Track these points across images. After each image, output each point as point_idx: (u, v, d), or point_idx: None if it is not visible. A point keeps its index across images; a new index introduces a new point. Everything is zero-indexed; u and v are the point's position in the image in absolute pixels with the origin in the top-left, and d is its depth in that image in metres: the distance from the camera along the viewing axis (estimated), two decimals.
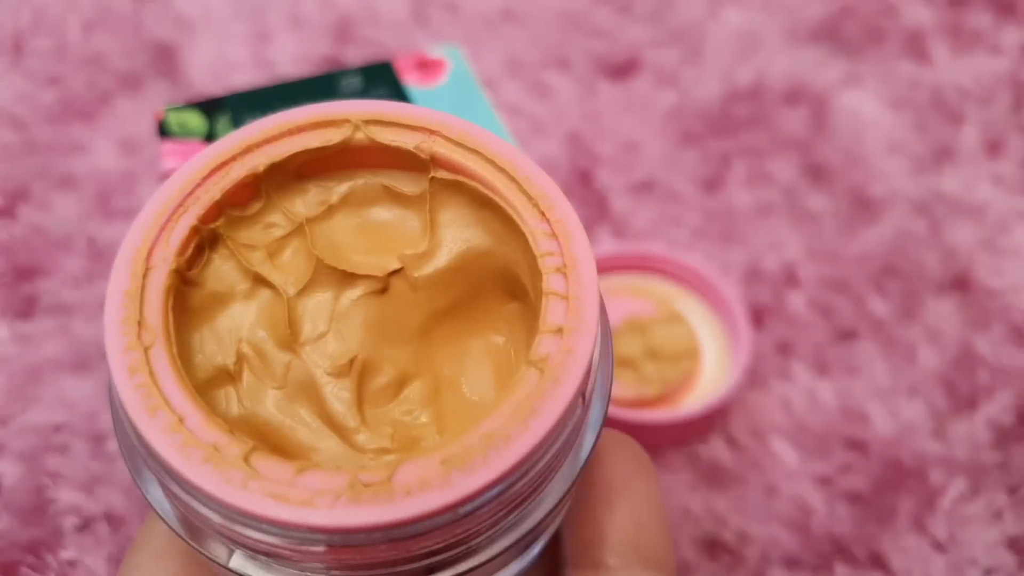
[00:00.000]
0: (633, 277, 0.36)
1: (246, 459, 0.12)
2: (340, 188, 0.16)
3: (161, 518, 0.14)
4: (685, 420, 0.31)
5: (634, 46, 0.45)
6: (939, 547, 0.30)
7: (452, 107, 0.32)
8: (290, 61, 0.43)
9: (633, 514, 0.16)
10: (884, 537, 0.30)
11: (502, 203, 0.15)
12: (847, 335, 0.35)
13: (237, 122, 0.30)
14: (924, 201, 0.40)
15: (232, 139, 0.16)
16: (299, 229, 0.16)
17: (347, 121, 0.16)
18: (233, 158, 0.15)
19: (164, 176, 0.29)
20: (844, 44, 0.46)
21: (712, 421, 0.32)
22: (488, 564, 0.14)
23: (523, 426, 0.12)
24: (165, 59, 0.43)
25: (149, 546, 0.17)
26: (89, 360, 0.32)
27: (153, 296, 0.14)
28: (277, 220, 0.16)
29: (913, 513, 0.31)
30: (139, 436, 0.13)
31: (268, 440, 0.15)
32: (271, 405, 0.15)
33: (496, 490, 0.12)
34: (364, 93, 0.32)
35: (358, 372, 0.15)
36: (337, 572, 0.14)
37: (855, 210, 0.39)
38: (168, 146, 0.30)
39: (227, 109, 0.31)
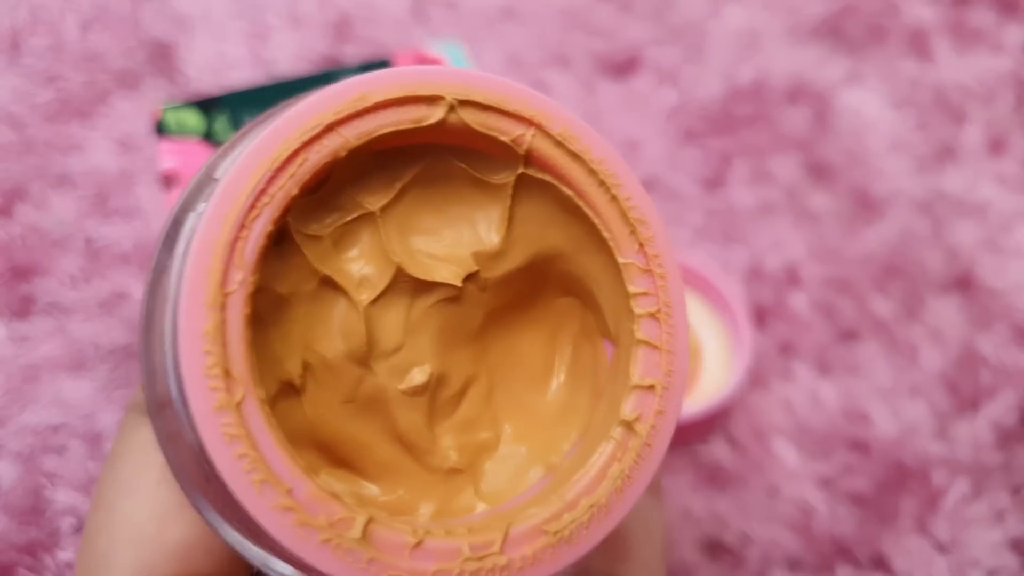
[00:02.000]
0: None
1: (364, 536, 0.12)
2: (414, 166, 0.14)
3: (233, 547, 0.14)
4: (687, 421, 0.31)
5: (635, 44, 0.45)
6: (941, 548, 0.30)
7: None
8: (289, 59, 0.43)
9: (642, 557, 0.17)
10: (886, 538, 0.30)
11: (595, 219, 0.14)
12: (849, 335, 0.35)
13: (235, 121, 0.30)
14: (926, 200, 0.39)
15: (307, 115, 0.13)
16: (369, 216, 0.14)
17: (440, 98, 0.13)
18: (311, 140, 0.13)
19: (163, 176, 0.29)
20: (846, 42, 0.46)
21: (714, 422, 0.32)
22: None
23: (620, 495, 0.13)
24: (163, 57, 0.43)
25: (135, 444, 0.16)
26: (86, 360, 0.32)
27: (234, 332, 0.12)
28: (342, 203, 0.14)
29: (915, 514, 0.31)
30: (244, 512, 0.11)
31: (333, 452, 0.14)
32: (338, 418, 0.14)
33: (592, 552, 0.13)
34: None
35: (431, 389, 0.14)
36: None
37: (857, 209, 0.39)
38: (166, 145, 0.29)
39: (225, 108, 0.30)
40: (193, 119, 0.30)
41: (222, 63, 0.42)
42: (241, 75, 0.42)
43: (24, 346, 0.33)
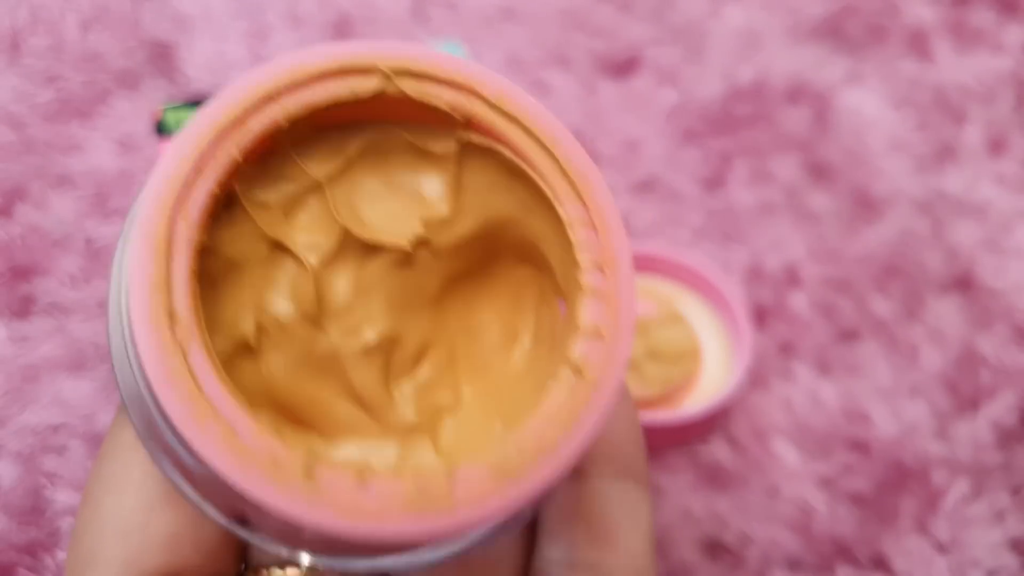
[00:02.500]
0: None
1: (307, 472, 0.12)
2: (358, 139, 0.15)
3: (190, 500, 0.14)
4: (686, 421, 0.31)
5: (635, 44, 0.45)
6: (941, 548, 0.30)
7: None
8: None
9: (608, 431, 0.17)
10: (886, 538, 0.30)
11: (538, 180, 0.14)
12: (849, 335, 0.35)
13: None
14: (926, 200, 0.39)
15: (247, 87, 0.13)
16: (316, 186, 0.15)
17: (376, 69, 0.14)
18: (252, 109, 0.13)
19: None
20: (846, 42, 0.46)
21: (713, 422, 0.32)
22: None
23: (568, 435, 0.13)
24: (163, 57, 0.43)
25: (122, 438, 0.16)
26: (87, 360, 0.32)
27: (179, 281, 0.12)
28: (291, 173, 0.15)
29: (915, 514, 0.31)
30: (191, 448, 0.12)
31: (291, 412, 0.14)
32: (294, 378, 0.14)
33: (543, 491, 0.13)
34: None
35: (385, 350, 0.15)
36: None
37: (857, 209, 0.39)
38: (166, 145, 0.29)
39: None
40: None
41: (222, 63, 0.43)
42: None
43: (24, 346, 0.33)
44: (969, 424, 0.33)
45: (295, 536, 0.13)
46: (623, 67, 0.44)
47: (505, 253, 0.16)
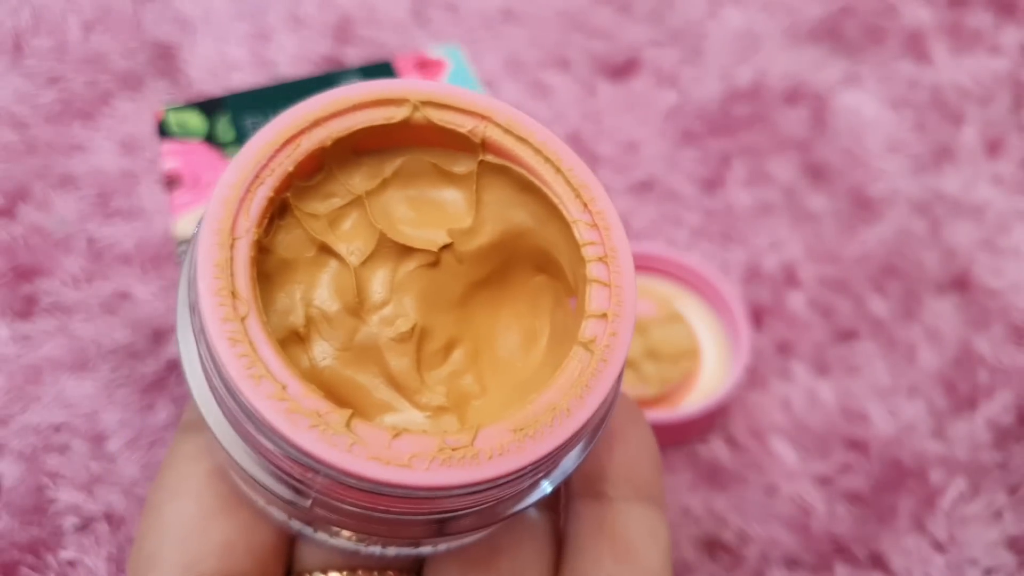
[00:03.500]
0: None
1: (348, 425, 0.14)
2: (393, 163, 0.17)
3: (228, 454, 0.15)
4: (685, 420, 0.31)
5: (634, 46, 0.45)
6: (939, 547, 0.30)
7: None
8: (290, 61, 0.43)
9: (628, 456, 0.19)
10: (884, 537, 0.30)
11: (546, 191, 0.16)
12: (847, 335, 0.35)
13: (237, 122, 0.30)
14: (924, 201, 0.40)
15: (299, 112, 0.16)
16: (357, 201, 0.17)
17: (406, 100, 0.17)
18: (302, 131, 0.16)
19: (165, 177, 0.29)
20: (844, 44, 0.46)
21: (712, 421, 0.32)
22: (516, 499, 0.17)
23: (580, 401, 0.15)
24: (165, 59, 0.43)
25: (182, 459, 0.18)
26: (88, 360, 0.32)
27: (240, 267, 0.15)
28: (336, 190, 0.17)
29: (913, 513, 0.31)
30: (244, 403, 0.14)
31: (336, 395, 0.16)
32: (339, 364, 0.16)
33: (559, 451, 0.14)
34: None
35: (417, 338, 0.17)
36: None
37: (855, 210, 0.39)
38: (168, 146, 0.30)
39: (227, 109, 0.31)
40: (195, 120, 0.31)
41: (224, 65, 0.43)
42: (243, 77, 0.42)
43: (26, 346, 0.33)
44: (967, 423, 0.33)
45: (340, 513, 0.15)
46: (622, 68, 0.44)
47: (522, 262, 0.18)
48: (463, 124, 0.17)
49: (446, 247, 0.17)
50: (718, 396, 0.31)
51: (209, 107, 0.31)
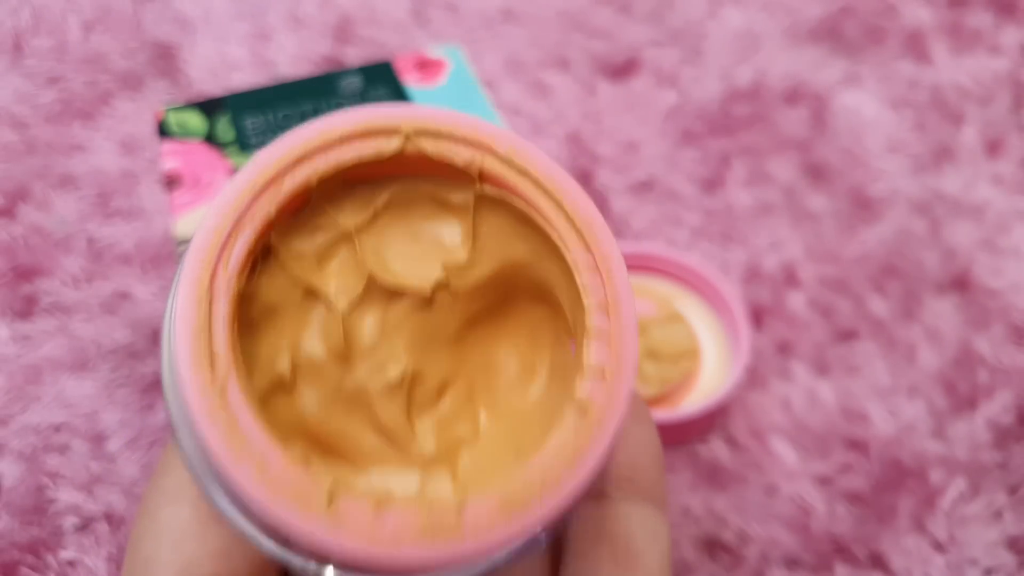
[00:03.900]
0: (633, 277, 0.36)
1: (330, 500, 0.13)
2: (385, 192, 0.16)
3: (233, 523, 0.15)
4: (685, 420, 0.31)
5: (634, 46, 0.45)
6: (939, 547, 0.30)
7: (452, 107, 0.32)
8: (290, 61, 0.43)
9: (631, 456, 0.18)
10: (884, 537, 0.30)
11: (547, 228, 0.15)
12: (847, 335, 0.35)
13: (237, 122, 0.30)
14: (924, 201, 0.40)
15: (280, 150, 0.15)
16: (346, 236, 0.16)
17: (398, 131, 0.15)
18: (284, 171, 0.15)
19: (165, 177, 0.29)
20: (844, 44, 0.46)
21: (712, 421, 0.32)
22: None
23: (572, 471, 0.14)
24: (165, 59, 0.43)
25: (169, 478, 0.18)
26: (88, 360, 0.32)
27: (219, 327, 0.14)
28: (324, 224, 0.16)
29: (913, 513, 0.31)
30: (226, 479, 0.13)
31: (322, 443, 0.15)
32: (325, 412, 0.16)
33: (548, 522, 0.14)
34: (364, 93, 0.32)
35: (408, 384, 0.16)
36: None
37: (855, 210, 0.39)
38: (168, 146, 0.30)
39: (227, 109, 0.31)
40: (195, 120, 0.31)
41: (224, 65, 0.43)
42: (243, 77, 0.42)
43: (26, 346, 0.33)
44: (967, 423, 0.33)
45: (326, 559, 0.14)
46: (622, 68, 0.44)
47: (522, 293, 0.17)
48: (460, 155, 0.16)
49: (440, 285, 0.16)
50: (718, 396, 0.31)
51: (209, 107, 0.31)
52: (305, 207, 0.16)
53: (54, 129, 0.39)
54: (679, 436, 0.32)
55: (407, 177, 0.16)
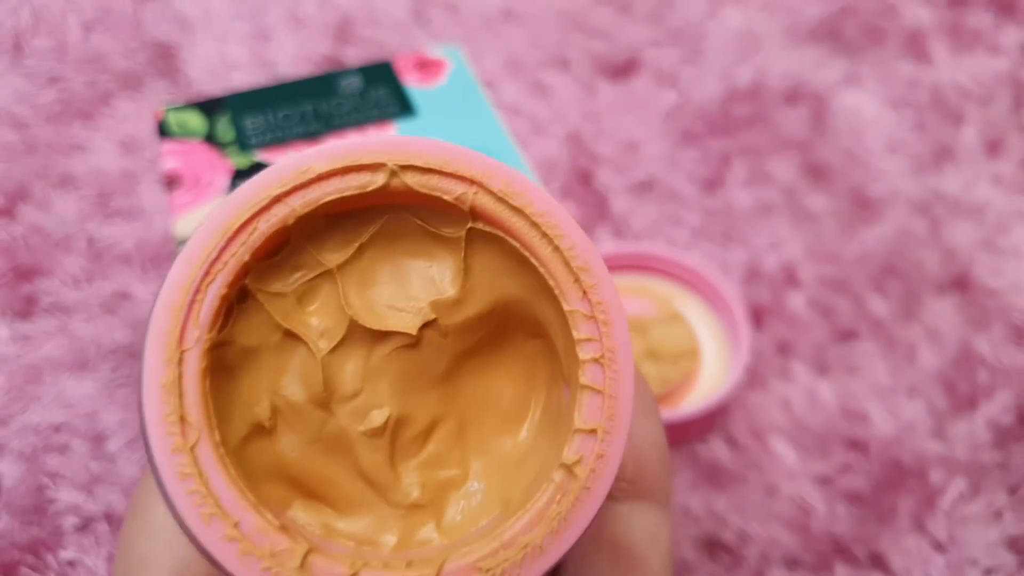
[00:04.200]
0: (633, 277, 0.36)
1: (302, 565, 0.13)
2: (371, 224, 0.15)
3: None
4: (685, 420, 0.31)
5: (634, 46, 0.45)
6: (939, 547, 0.30)
7: (452, 107, 0.32)
8: (290, 61, 0.43)
9: (635, 454, 0.18)
10: (884, 537, 0.30)
11: (542, 270, 0.15)
12: (847, 335, 0.35)
13: (237, 122, 0.30)
14: (924, 201, 0.40)
15: (255, 189, 0.14)
16: (329, 273, 0.15)
17: (382, 165, 0.14)
18: (260, 211, 0.14)
19: (165, 177, 0.29)
20: (844, 44, 0.46)
21: (712, 421, 0.32)
22: None
23: (555, 536, 0.13)
24: (165, 59, 0.43)
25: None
26: (88, 360, 0.32)
27: (190, 384, 0.13)
28: (305, 262, 0.15)
29: (913, 513, 0.31)
30: (197, 542, 0.13)
31: (303, 487, 0.15)
32: (305, 457, 0.15)
33: None
34: (364, 93, 0.32)
35: (391, 430, 0.16)
36: None
37: (855, 210, 0.39)
38: (168, 146, 0.30)
39: (227, 109, 0.31)
40: (195, 120, 0.31)
41: (224, 64, 0.43)
42: (243, 76, 0.42)
43: (26, 346, 0.33)
44: (967, 423, 0.33)
45: None
46: (622, 68, 0.44)
47: (516, 328, 0.16)
48: (450, 191, 0.14)
49: (428, 324, 0.15)
50: (718, 396, 0.31)
51: (209, 107, 0.31)
52: (284, 247, 0.15)
53: (54, 129, 0.39)
54: (679, 436, 0.32)
55: (395, 207, 0.15)
